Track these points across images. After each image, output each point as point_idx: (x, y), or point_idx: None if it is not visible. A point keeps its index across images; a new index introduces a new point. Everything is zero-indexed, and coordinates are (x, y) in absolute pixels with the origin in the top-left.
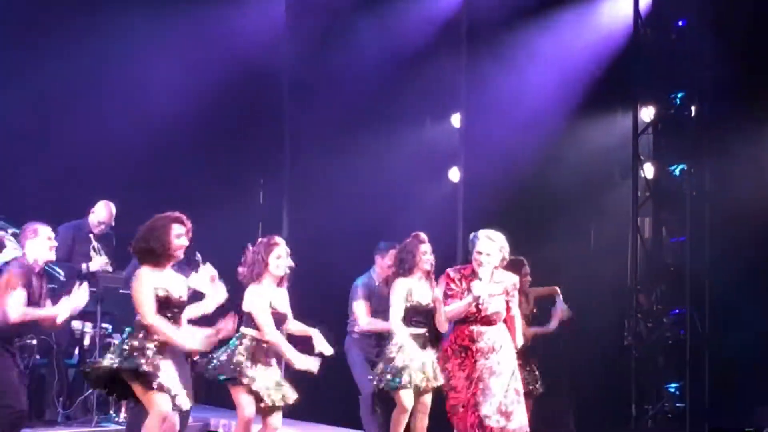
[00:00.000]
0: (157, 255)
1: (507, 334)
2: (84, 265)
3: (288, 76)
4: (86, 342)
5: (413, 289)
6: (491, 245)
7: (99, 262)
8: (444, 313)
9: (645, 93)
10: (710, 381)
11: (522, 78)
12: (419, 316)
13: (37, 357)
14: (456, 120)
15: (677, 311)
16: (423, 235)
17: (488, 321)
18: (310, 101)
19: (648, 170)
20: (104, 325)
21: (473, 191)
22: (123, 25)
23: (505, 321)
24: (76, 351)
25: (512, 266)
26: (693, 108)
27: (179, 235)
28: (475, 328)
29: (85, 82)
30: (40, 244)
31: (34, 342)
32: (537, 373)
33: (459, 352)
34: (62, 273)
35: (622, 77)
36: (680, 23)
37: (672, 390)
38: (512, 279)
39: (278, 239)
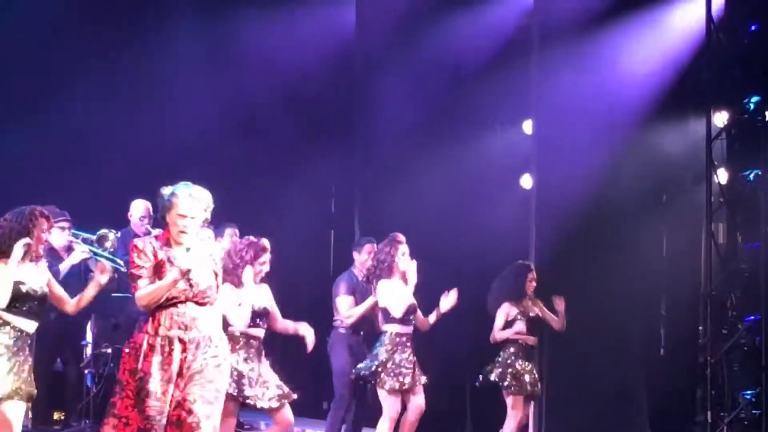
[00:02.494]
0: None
1: (218, 319)
2: None
3: (359, 83)
4: None
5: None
6: (196, 205)
7: None
8: (138, 299)
9: (718, 98)
10: None
11: (594, 83)
12: (407, 315)
13: (111, 365)
14: (528, 126)
15: (753, 317)
16: (401, 236)
17: (202, 300)
18: (381, 108)
19: (722, 176)
20: None
21: (546, 198)
22: (195, 28)
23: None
24: None
25: (518, 271)
26: (767, 113)
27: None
28: (187, 311)
29: (153, 85)
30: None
31: (109, 351)
32: (536, 374)
33: (162, 347)
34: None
35: (695, 82)
36: (753, 28)
37: (748, 397)
38: (217, 245)
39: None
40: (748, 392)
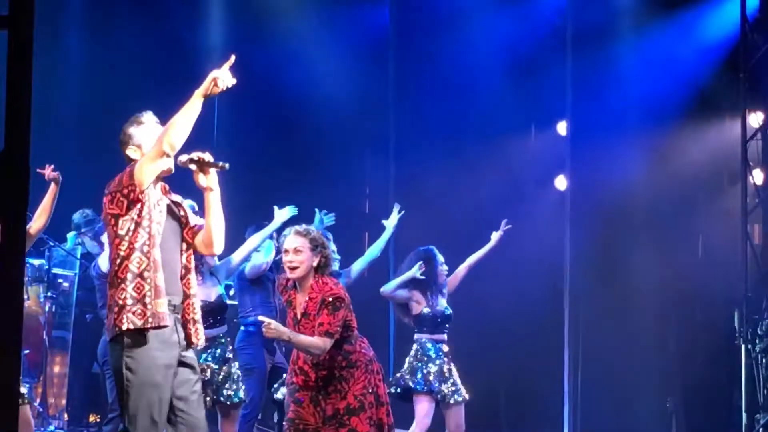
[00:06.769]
0: None
1: None
2: None
3: (393, 84)
4: None
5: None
6: (299, 240)
7: None
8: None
9: (753, 99)
10: None
11: (628, 84)
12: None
13: None
14: (562, 128)
15: None
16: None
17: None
18: (415, 109)
19: (757, 176)
20: None
21: (580, 199)
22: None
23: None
24: None
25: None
26: None
27: None
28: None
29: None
30: None
31: None
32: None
33: None
34: None
35: (730, 83)
36: None
37: None
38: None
39: None
40: None
